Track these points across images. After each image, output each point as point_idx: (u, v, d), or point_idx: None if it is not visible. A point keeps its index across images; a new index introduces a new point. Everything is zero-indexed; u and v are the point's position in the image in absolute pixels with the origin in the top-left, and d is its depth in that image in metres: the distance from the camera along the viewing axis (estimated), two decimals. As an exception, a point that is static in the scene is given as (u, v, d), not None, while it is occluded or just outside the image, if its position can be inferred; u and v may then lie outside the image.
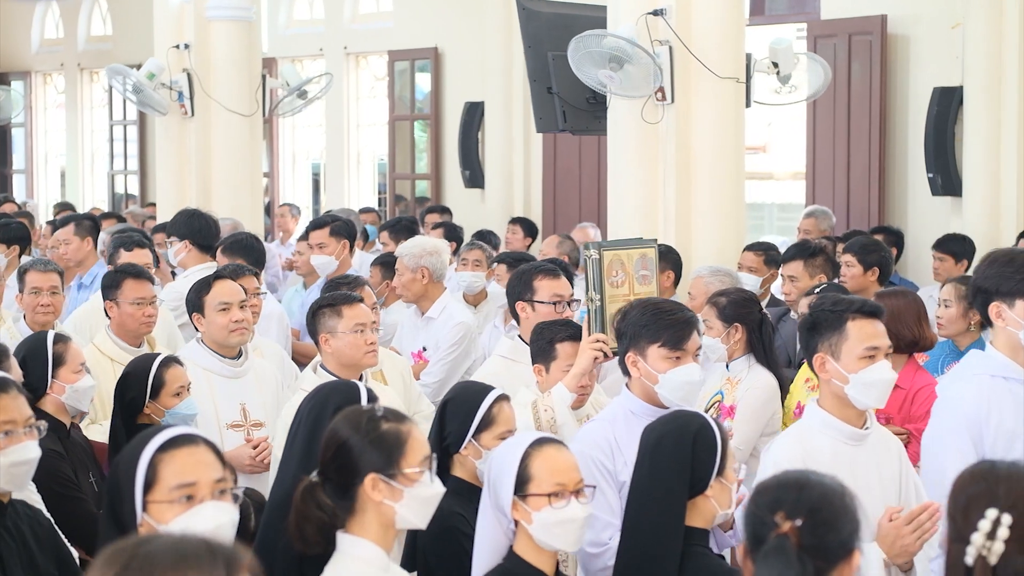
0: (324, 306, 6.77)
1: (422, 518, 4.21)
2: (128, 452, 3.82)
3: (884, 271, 9.27)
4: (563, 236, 11.69)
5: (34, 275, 8.39)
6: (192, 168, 13.83)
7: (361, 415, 4.27)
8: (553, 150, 16.31)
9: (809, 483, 3.38)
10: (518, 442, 4.50)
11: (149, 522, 3.73)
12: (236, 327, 7.16)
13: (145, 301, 7.76)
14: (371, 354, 6.69)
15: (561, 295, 7.13)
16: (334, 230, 10.02)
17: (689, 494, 4.75)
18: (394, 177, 19.18)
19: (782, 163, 17.30)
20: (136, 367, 6.51)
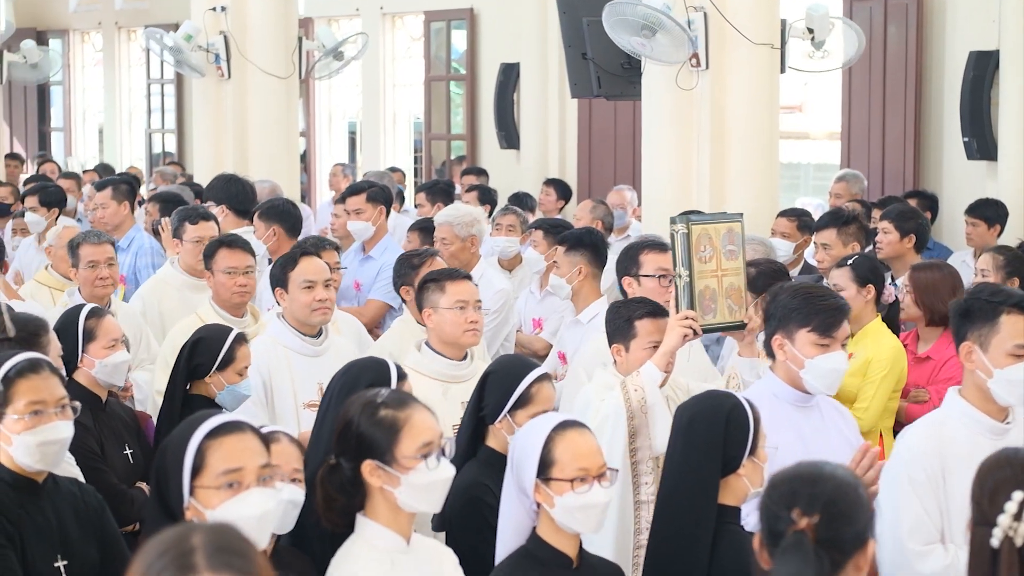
0: (430, 280, 6.72)
1: (427, 503, 4.25)
2: (176, 437, 3.88)
3: (921, 239, 9.28)
4: (596, 201, 11.70)
5: (88, 248, 8.25)
6: (229, 130, 13.90)
7: (364, 400, 4.32)
8: (588, 112, 16.33)
9: (823, 476, 3.43)
10: (541, 425, 4.50)
11: (196, 506, 3.79)
12: (319, 307, 6.98)
13: (238, 271, 7.68)
14: (471, 333, 6.58)
15: (667, 269, 6.94)
16: (371, 196, 10.06)
17: (721, 473, 4.79)
18: (429, 137, 19.23)
19: (818, 123, 17.27)
20: (212, 336, 6.46)
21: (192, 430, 3.84)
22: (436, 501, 4.27)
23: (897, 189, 13.31)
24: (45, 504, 4.71)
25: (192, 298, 8.55)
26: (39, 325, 5.81)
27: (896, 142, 13.89)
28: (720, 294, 6.06)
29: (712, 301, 6.02)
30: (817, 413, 5.46)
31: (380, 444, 4.18)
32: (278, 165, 13.73)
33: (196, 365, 6.36)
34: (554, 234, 9.38)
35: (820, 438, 5.37)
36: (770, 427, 5.03)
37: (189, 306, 8.33)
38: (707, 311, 6.00)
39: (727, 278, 6.06)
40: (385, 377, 5.15)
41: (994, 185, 12.29)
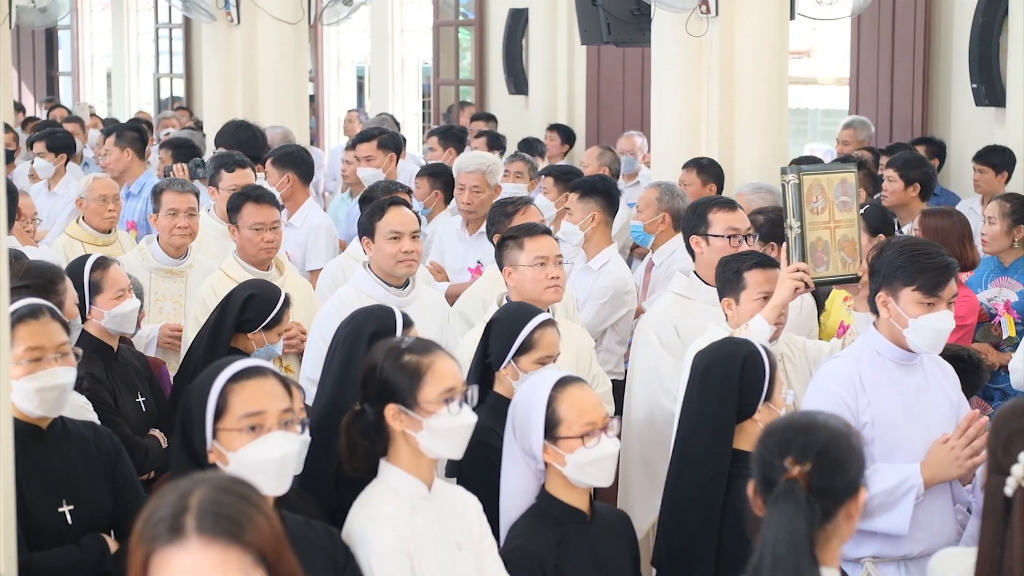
0: (508, 238, 6.58)
1: (449, 448, 4.29)
2: (201, 381, 3.94)
3: (926, 187, 9.31)
4: (603, 147, 11.73)
5: (171, 196, 8.00)
6: (238, 75, 13.91)
7: (389, 346, 4.37)
8: (597, 58, 16.31)
9: (816, 425, 3.47)
10: (540, 385, 4.54)
11: (219, 449, 3.86)
12: (405, 258, 6.78)
13: (264, 226, 7.45)
14: (552, 289, 6.44)
15: (737, 228, 6.86)
16: (381, 143, 10.09)
17: (737, 419, 4.88)
18: (438, 83, 19.22)
19: (826, 68, 17.24)
20: (265, 294, 6.49)
21: (216, 374, 3.90)
22: (458, 446, 4.31)
23: (905, 136, 13.32)
24: (50, 449, 4.74)
25: (230, 247, 8.18)
26: (55, 273, 5.83)
27: (904, 88, 13.88)
28: (833, 246, 5.92)
29: (824, 253, 5.89)
30: (920, 372, 5.35)
31: (403, 388, 4.23)
32: (287, 110, 13.75)
33: (244, 320, 6.41)
34: (564, 181, 9.43)
35: (922, 397, 5.30)
36: (872, 385, 5.06)
37: (226, 254, 8.09)
38: (819, 263, 5.87)
39: (840, 229, 5.91)
40: (391, 325, 5.18)
41: (1002, 131, 12.28)
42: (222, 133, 10.53)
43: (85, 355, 5.81)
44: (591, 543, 4.52)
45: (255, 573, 2.64)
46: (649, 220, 8.55)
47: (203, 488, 2.67)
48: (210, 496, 2.66)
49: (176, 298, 7.86)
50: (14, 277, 5.40)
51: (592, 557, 4.51)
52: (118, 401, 6.17)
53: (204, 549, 2.60)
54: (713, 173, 9.53)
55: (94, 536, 4.77)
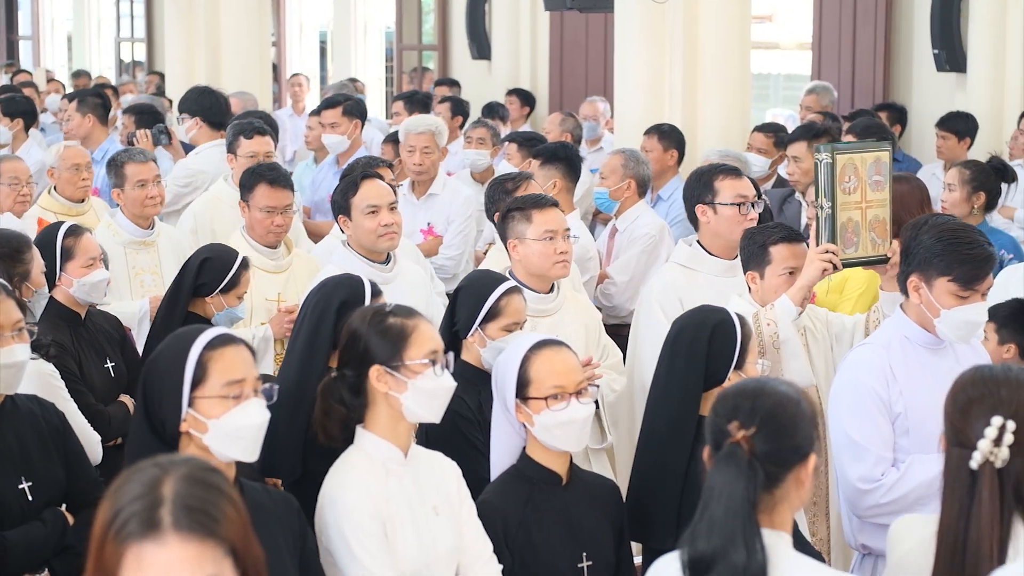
0: (514, 209, 6.31)
1: (430, 410, 4.32)
2: (170, 351, 3.92)
3: (886, 153, 9.34)
4: (565, 114, 11.74)
5: (135, 167, 7.84)
6: (201, 41, 13.89)
7: (371, 311, 4.41)
8: (560, 24, 16.31)
9: (764, 391, 3.51)
10: (518, 345, 4.58)
11: (196, 417, 3.84)
12: (385, 231, 6.66)
13: (276, 210, 7.20)
14: (560, 264, 6.22)
15: (745, 195, 6.63)
16: (347, 110, 10.07)
17: (706, 385, 4.90)
18: (401, 47, 19.18)
19: (788, 33, 17.30)
20: (221, 257, 6.48)
21: (189, 342, 3.87)
22: (438, 409, 4.35)
23: (867, 101, 13.38)
24: (5, 427, 4.72)
25: None
26: (22, 242, 5.80)
27: (866, 53, 13.93)
28: (863, 226, 5.77)
29: (854, 234, 5.74)
30: (951, 355, 5.17)
31: (389, 349, 4.27)
32: (250, 76, 13.74)
33: (201, 284, 6.41)
34: (528, 147, 9.45)
35: None
36: (903, 373, 4.98)
37: None
38: (848, 244, 5.73)
39: (872, 210, 5.76)
40: (359, 294, 5.20)
41: (963, 97, 12.36)
42: (186, 99, 10.47)
43: (52, 322, 5.82)
44: (563, 507, 4.55)
45: (225, 563, 2.66)
46: (614, 187, 8.58)
47: (174, 479, 2.68)
48: (183, 489, 2.67)
49: (153, 269, 7.72)
50: (-22, 246, 5.40)
51: (563, 520, 4.53)
52: (83, 368, 6.15)
53: (182, 545, 2.62)
54: (675, 139, 9.56)
55: (54, 511, 4.77)
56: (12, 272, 5.40)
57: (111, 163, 8.05)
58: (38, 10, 24.60)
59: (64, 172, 8.63)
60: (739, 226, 6.46)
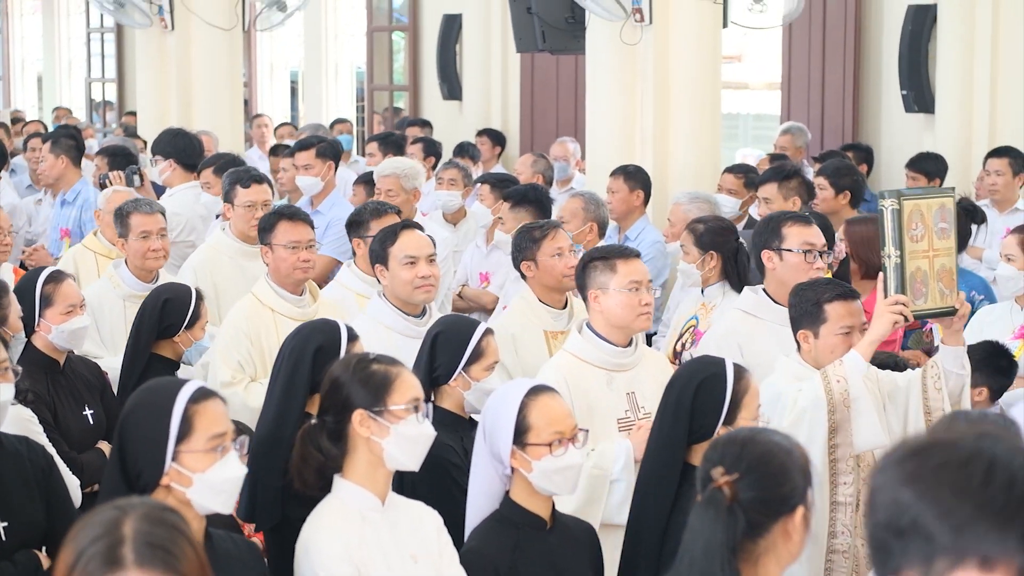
0: (596, 259, 6.05)
1: (411, 457, 4.35)
2: (149, 403, 3.91)
3: (856, 194, 9.41)
4: (536, 155, 11.80)
5: (140, 218, 7.72)
6: (172, 81, 13.90)
7: (355, 358, 4.46)
8: (531, 64, 16.37)
9: (754, 440, 3.55)
10: (513, 392, 4.59)
11: (181, 471, 3.84)
12: (423, 283, 6.53)
13: (301, 244, 7.05)
14: (644, 316, 5.96)
15: (813, 243, 6.50)
16: (320, 151, 10.09)
17: (694, 439, 4.84)
18: (372, 88, 19.24)
19: (757, 73, 17.39)
20: (179, 296, 6.60)
21: (170, 395, 3.87)
22: (419, 456, 4.37)
23: (836, 141, 13.47)
24: None
25: (247, 267, 8.15)
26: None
27: (835, 94, 14.04)
28: (931, 276, 5.60)
29: (923, 284, 5.57)
30: None
31: (372, 395, 4.30)
32: (222, 116, 13.76)
33: (167, 326, 6.49)
34: (500, 188, 9.49)
35: None
36: None
37: (245, 276, 7.97)
38: (918, 295, 5.55)
39: (939, 259, 5.59)
40: (335, 339, 5.22)
41: (931, 137, 12.45)
42: (159, 141, 10.50)
43: (29, 369, 5.82)
44: (549, 550, 4.57)
45: None
46: (577, 230, 8.60)
47: (134, 519, 2.73)
48: (143, 528, 2.72)
49: None
50: (-44, 291, 5.41)
51: (549, 564, 4.55)
52: (59, 416, 6.15)
53: None
54: (640, 179, 9.62)
55: (27, 552, 4.77)
56: (-11, 317, 5.41)
57: (118, 212, 7.91)
58: (8, 50, 24.61)
59: (107, 215, 8.48)
60: (806, 274, 6.30)
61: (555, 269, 6.84)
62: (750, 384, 4.90)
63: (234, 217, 8.44)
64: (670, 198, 9.52)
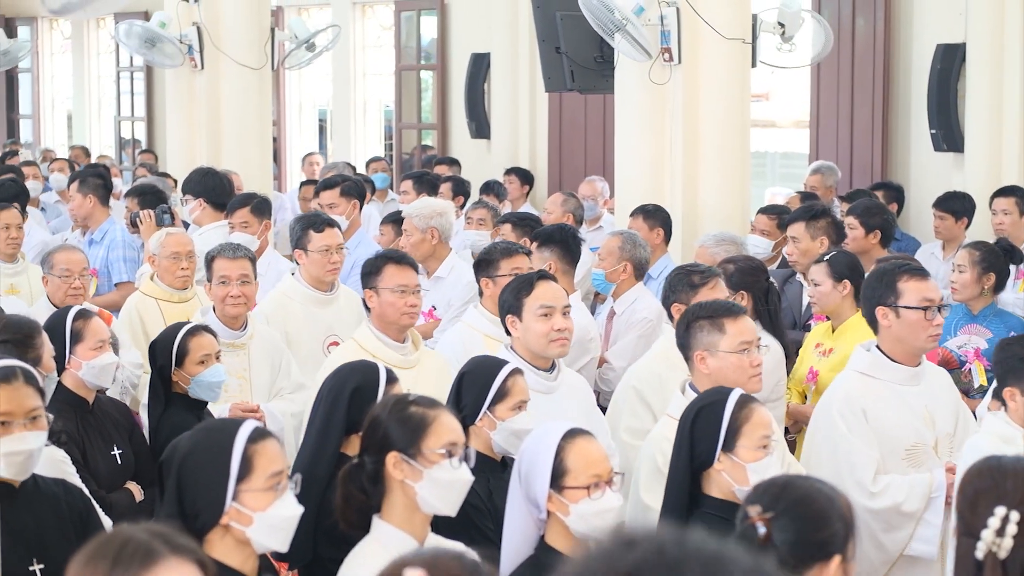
0: (702, 317, 5.80)
1: (445, 502, 4.35)
2: (207, 444, 3.96)
3: (886, 234, 9.39)
4: (567, 194, 11.80)
5: (222, 262, 7.53)
6: (201, 120, 13.92)
7: (393, 399, 4.47)
8: (559, 103, 16.41)
9: (795, 483, 3.55)
10: (549, 435, 4.58)
11: (241, 510, 3.89)
12: (557, 336, 6.28)
13: (408, 289, 6.83)
14: (756, 379, 5.75)
15: (932, 299, 6.12)
16: (344, 190, 10.10)
17: (697, 466, 4.95)
18: (400, 126, 19.29)
19: (785, 111, 17.39)
20: (162, 337, 6.62)
21: (229, 436, 3.93)
22: (454, 502, 4.37)
23: (865, 180, 13.45)
24: (22, 508, 4.74)
25: (318, 315, 8.00)
26: (32, 327, 5.84)
27: (864, 133, 14.03)
28: None
29: None
30: None
31: (407, 437, 4.31)
32: (251, 155, 13.76)
33: (160, 367, 6.51)
34: (523, 227, 9.49)
35: None
36: None
37: (317, 324, 7.81)
38: None
39: None
40: (373, 380, 5.23)
41: (960, 176, 12.44)
42: (189, 180, 10.53)
43: (59, 408, 5.83)
44: None
45: None
46: (610, 269, 8.60)
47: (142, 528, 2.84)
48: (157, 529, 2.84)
49: (240, 373, 7.35)
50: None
51: None
52: (88, 455, 6.16)
53: (180, 564, 2.77)
54: (660, 218, 9.64)
55: None
56: (24, 357, 5.41)
57: (207, 256, 7.75)
58: (39, 89, 24.73)
59: (164, 260, 8.42)
60: (924, 332, 6.05)
61: None
62: (754, 413, 4.95)
63: (308, 263, 8.19)
64: (699, 236, 9.52)
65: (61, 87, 24.88)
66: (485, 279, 7.26)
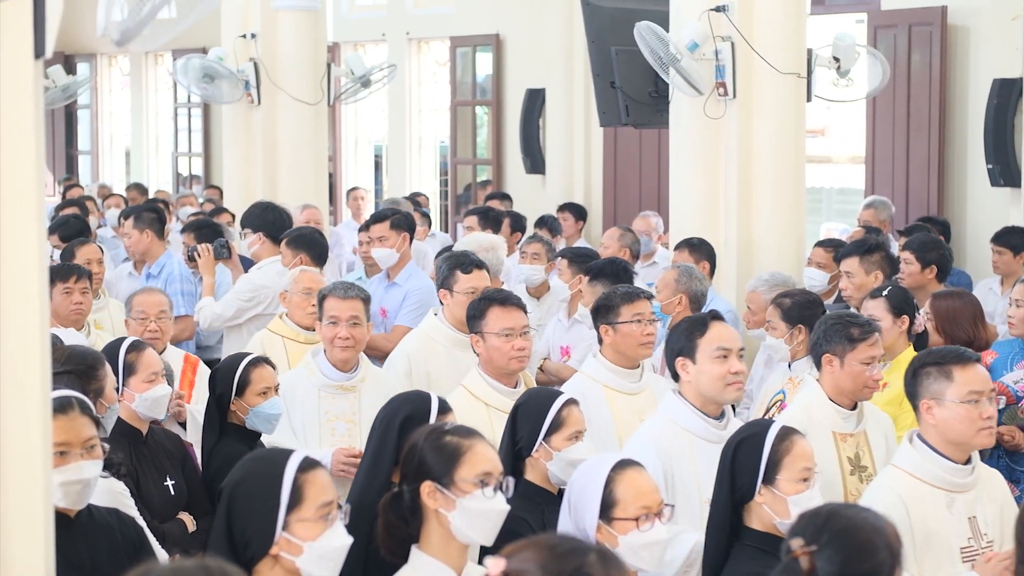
0: (929, 363, 5.43)
1: (479, 532, 4.34)
2: (258, 473, 4.00)
3: (942, 269, 9.35)
4: (623, 228, 11.80)
5: (332, 302, 7.25)
6: (258, 155, 14.02)
7: (430, 427, 4.50)
8: (614, 138, 16.44)
9: (839, 513, 3.54)
10: (598, 466, 4.61)
11: (291, 540, 3.92)
12: (734, 380, 5.88)
13: (515, 332, 6.56)
14: (986, 432, 5.33)
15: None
16: (394, 223, 10.11)
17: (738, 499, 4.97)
18: (455, 162, 19.35)
19: (841, 147, 17.35)
20: (224, 365, 6.66)
21: (280, 465, 3.95)
22: (489, 531, 4.37)
23: (921, 215, 13.39)
24: (77, 538, 4.78)
25: (460, 358, 7.53)
26: (96, 359, 5.88)
27: (920, 168, 13.98)
28: None
29: None
30: None
31: (440, 466, 4.32)
32: (307, 190, 13.84)
33: (219, 395, 6.55)
34: (578, 263, 9.51)
35: None
36: None
37: (458, 367, 7.37)
38: None
39: None
40: (424, 410, 5.25)
41: (1017, 212, 12.37)
42: (249, 214, 10.57)
43: (113, 438, 5.87)
44: None
45: None
46: (666, 301, 8.61)
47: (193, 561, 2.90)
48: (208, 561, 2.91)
49: (349, 417, 7.15)
50: (55, 362, 5.47)
51: None
52: (141, 486, 6.19)
53: None
54: (705, 251, 9.65)
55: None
56: (87, 388, 5.46)
57: (319, 295, 7.50)
58: (97, 125, 24.95)
59: (295, 296, 8.30)
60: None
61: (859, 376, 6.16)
62: (795, 445, 4.94)
63: (452, 304, 7.80)
64: (754, 272, 9.51)
65: (119, 123, 25.09)
66: (605, 326, 6.78)
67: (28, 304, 3.28)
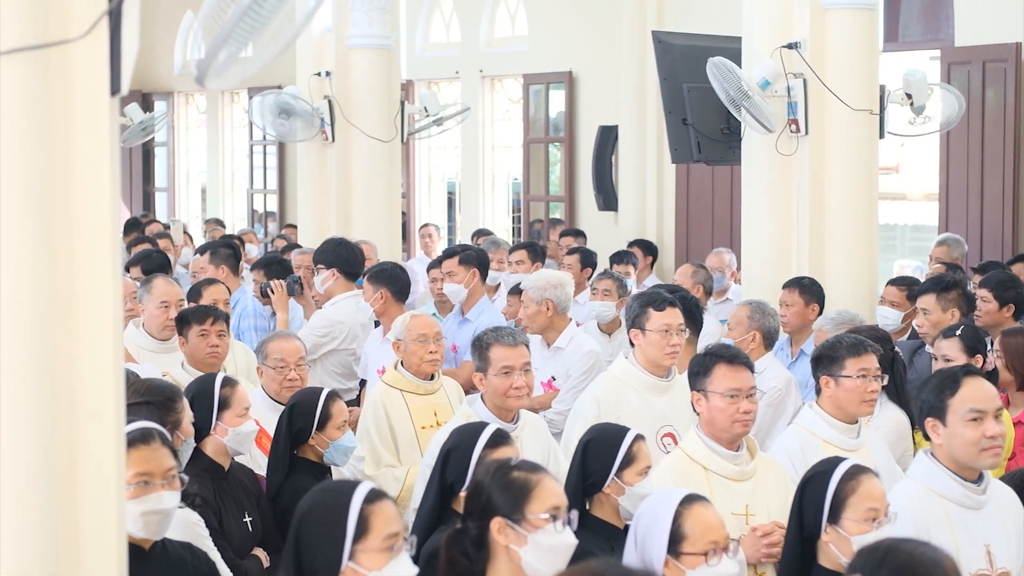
0: None
1: (550, 566, 4.33)
2: (325, 504, 4.03)
3: (1020, 307, 9.28)
4: (696, 265, 11.80)
5: (501, 351, 6.77)
6: (332, 191, 14.13)
7: (495, 464, 4.51)
8: (686, 175, 16.45)
9: (898, 547, 3.53)
10: (667, 500, 4.62)
11: (357, 570, 3.94)
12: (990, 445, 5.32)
13: (741, 393, 5.95)
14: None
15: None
16: (464, 259, 10.16)
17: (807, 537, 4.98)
18: (528, 199, 19.41)
19: (914, 184, 17.26)
20: (303, 399, 6.74)
21: (346, 496, 3.99)
22: (559, 566, 4.36)
23: (995, 252, 13.31)
24: (150, 571, 4.83)
25: (653, 402, 7.25)
26: (174, 391, 5.95)
27: (995, 205, 13.90)
28: None
29: None
30: None
31: (510, 503, 4.34)
32: (380, 227, 13.93)
33: (298, 430, 6.64)
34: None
35: None
36: None
37: (652, 411, 7.17)
38: None
39: None
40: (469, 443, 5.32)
41: (1093, 248, 12.30)
42: (322, 250, 10.65)
43: (196, 474, 5.93)
44: None
45: None
46: (739, 338, 8.58)
47: None
48: None
49: None
50: (134, 393, 5.56)
51: None
52: (223, 521, 6.24)
53: None
54: (815, 293, 9.54)
55: None
56: (165, 420, 5.53)
57: (475, 342, 6.99)
58: (174, 162, 25.21)
59: (410, 343, 7.94)
60: None
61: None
62: (861, 485, 4.91)
63: (644, 343, 7.36)
64: (827, 310, 9.47)
65: (196, 160, 25.34)
66: (826, 377, 6.46)
67: (103, 339, 3.33)
